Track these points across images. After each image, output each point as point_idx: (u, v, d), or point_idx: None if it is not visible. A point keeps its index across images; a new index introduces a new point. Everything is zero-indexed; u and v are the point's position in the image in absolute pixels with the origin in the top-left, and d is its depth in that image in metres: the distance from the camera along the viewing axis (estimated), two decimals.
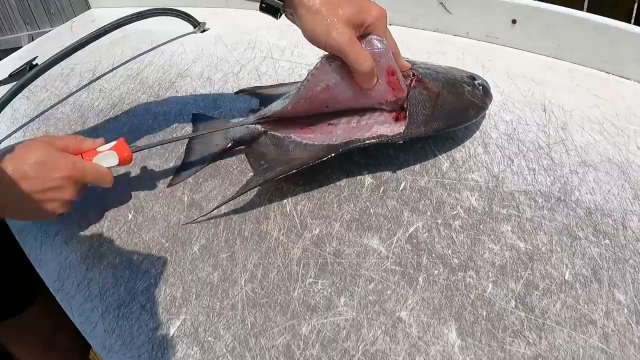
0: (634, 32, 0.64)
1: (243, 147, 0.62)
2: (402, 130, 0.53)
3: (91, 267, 0.54)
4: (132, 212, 0.58)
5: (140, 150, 0.58)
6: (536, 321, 0.42)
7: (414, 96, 0.54)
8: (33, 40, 1.21)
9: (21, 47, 1.12)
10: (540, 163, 0.55)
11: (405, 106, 0.55)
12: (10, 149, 0.53)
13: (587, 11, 1.09)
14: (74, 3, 2.07)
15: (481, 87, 0.56)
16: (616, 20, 0.65)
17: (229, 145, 0.62)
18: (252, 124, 0.60)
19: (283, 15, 0.53)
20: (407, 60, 0.61)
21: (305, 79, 0.54)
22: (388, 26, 0.52)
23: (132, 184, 0.62)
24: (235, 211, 0.55)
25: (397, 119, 0.55)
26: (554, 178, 0.53)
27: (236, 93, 0.71)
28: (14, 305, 0.79)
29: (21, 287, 0.79)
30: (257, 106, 0.68)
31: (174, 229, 0.55)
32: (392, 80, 0.54)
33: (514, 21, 0.69)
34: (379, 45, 0.52)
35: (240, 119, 0.65)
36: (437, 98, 0.55)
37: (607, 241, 0.47)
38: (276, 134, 0.59)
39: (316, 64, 0.53)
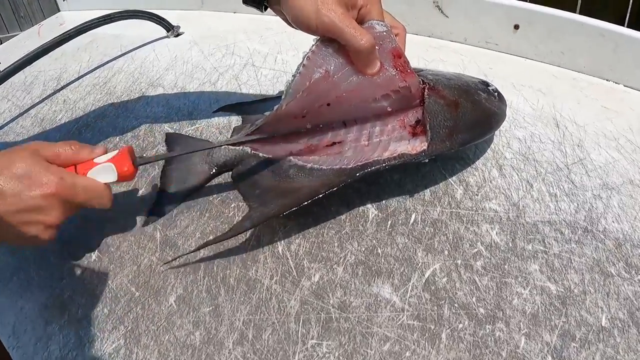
0: (637, 37, 0.54)
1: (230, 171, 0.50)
2: (424, 147, 0.42)
3: (50, 321, 0.41)
4: (96, 251, 0.46)
5: (146, 163, 0.44)
6: None
7: (431, 106, 0.43)
8: (1, 44, 1.04)
9: None
10: (561, 187, 0.45)
11: (421, 119, 0.43)
12: None
13: (579, 12, 1.01)
14: (43, 6, 1.86)
15: (496, 94, 0.46)
16: (622, 27, 0.55)
17: (212, 172, 0.49)
18: (239, 144, 0.45)
19: (265, 14, 0.42)
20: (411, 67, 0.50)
21: (300, 65, 0.41)
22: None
23: (95, 217, 0.48)
24: (217, 253, 0.43)
25: (414, 134, 0.44)
26: (578, 205, 0.43)
27: (214, 112, 0.58)
28: None
29: None
30: (240, 123, 0.56)
31: (146, 275, 0.42)
32: (400, 64, 0.42)
33: (516, 26, 0.59)
34: (378, 27, 0.41)
35: (224, 139, 0.53)
36: (457, 107, 0.44)
37: None
38: (270, 156, 0.46)
39: (311, 47, 0.41)
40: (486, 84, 0.47)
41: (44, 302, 0.43)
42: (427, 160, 0.42)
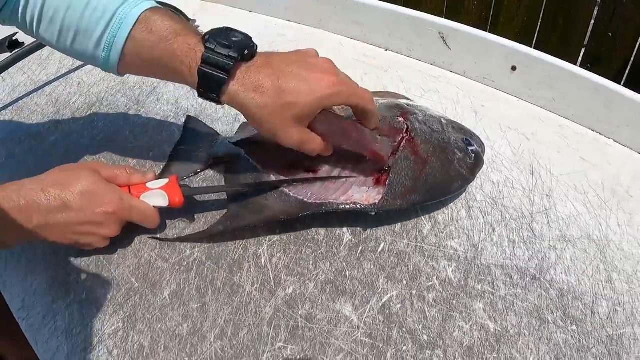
0: (629, 97, 0.62)
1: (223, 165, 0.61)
2: (377, 200, 0.51)
3: (57, 299, 0.52)
4: None
5: (191, 194, 0.55)
6: None
7: (399, 162, 0.52)
8: None
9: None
10: (521, 234, 0.54)
11: (388, 168, 0.53)
12: (55, 173, 0.50)
13: (580, 64, 1.08)
14: None
15: (473, 156, 0.55)
16: (616, 84, 0.63)
17: (210, 161, 0.61)
18: (235, 143, 0.58)
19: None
20: (408, 105, 0.59)
21: None
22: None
23: None
24: (209, 256, 0.53)
25: (377, 183, 0.53)
26: (532, 253, 0.53)
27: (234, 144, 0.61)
28: None
29: None
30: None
31: (145, 268, 0.53)
32: (372, 153, 0.52)
33: (513, 68, 0.67)
34: (362, 139, 0.51)
35: (226, 136, 0.63)
36: (423, 167, 0.53)
37: (574, 327, 0.48)
38: (258, 166, 0.57)
39: None
40: (468, 143, 0.55)
41: (51, 281, 0.54)
42: (374, 213, 0.51)
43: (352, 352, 0.46)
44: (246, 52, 0.45)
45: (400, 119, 0.54)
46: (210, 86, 0.45)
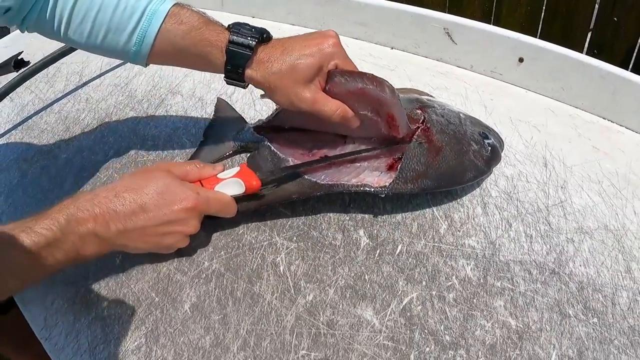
0: (638, 82, 0.61)
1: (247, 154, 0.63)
2: (388, 183, 0.51)
3: (79, 317, 0.52)
4: (120, 257, 0.56)
5: (266, 178, 0.54)
6: None
7: (412, 149, 0.52)
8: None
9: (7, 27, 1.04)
10: (538, 229, 0.53)
11: (401, 156, 0.53)
12: (126, 178, 0.49)
13: (586, 52, 1.06)
14: None
15: (489, 149, 0.54)
16: (623, 70, 0.62)
17: (235, 148, 0.63)
18: (256, 129, 0.60)
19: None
20: (428, 99, 0.59)
21: None
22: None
23: None
24: (227, 267, 0.53)
25: (390, 168, 0.54)
26: (550, 247, 0.52)
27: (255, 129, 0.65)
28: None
29: None
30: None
31: (164, 282, 0.53)
32: (392, 123, 0.52)
33: (521, 59, 0.66)
34: (382, 92, 0.49)
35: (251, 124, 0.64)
36: (437, 155, 0.52)
37: (595, 320, 0.47)
38: (278, 152, 0.58)
39: None
40: (484, 137, 0.54)
41: (72, 298, 0.53)
42: (383, 195, 0.52)
43: (375, 357, 0.45)
44: (265, 35, 0.51)
45: (418, 110, 0.55)
46: (237, 62, 0.50)
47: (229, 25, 0.52)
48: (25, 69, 0.78)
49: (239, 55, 0.50)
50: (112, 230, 0.46)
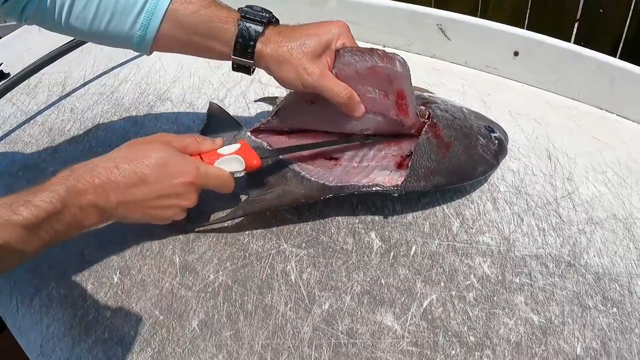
0: (635, 72, 0.60)
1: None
2: (400, 182, 0.49)
3: (78, 342, 0.47)
4: (118, 273, 0.51)
5: (269, 157, 0.52)
6: None
7: (422, 144, 0.49)
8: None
9: None
10: (550, 221, 0.51)
11: (410, 153, 0.50)
12: (125, 149, 0.47)
13: (574, 40, 1.06)
14: None
15: (496, 142, 0.52)
16: (619, 60, 0.60)
17: None
18: (253, 131, 0.56)
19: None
20: (429, 95, 0.57)
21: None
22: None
23: (113, 236, 0.54)
24: (235, 279, 0.49)
25: (399, 166, 0.51)
26: (563, 239, 0.50)
27: (256, 101, 0.66)
28: None
29: None
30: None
31: (168, 299, 0.48)
32: (401, 104, 0.49)
33: (516, 53, 0.64)
34: (392, 66, 0.46)
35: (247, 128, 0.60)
36: (447, 150, 0.50)
37: (614, 309, 0.45)
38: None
39: None
40: (490, 130, 0.52)
41: (69, 321, 0.48)
42: (396, 195, 0.49)
43: None
44: (273, 19, 0.50)
45: (422, 107, 0.52)
46: (249, 35, 0.48)
47: (238, 8, 0.51)
48: (5, 81, 0.72)
49: (251, 29, 0.48)
50: (113, 201, 0.45)
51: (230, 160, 0.49)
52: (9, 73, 0.78)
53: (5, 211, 0.40)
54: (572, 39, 1.05)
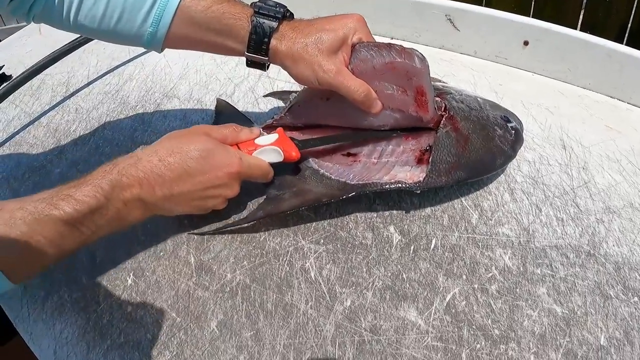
0: None
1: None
2: (421, 178, 0.47)
3: (93, 346, 0.45)
4: (132, 275, 0.49)
5: (305, 148, 0.51)
6: None
7: (441, 139, 0.48)
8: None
9: None
10: (568, 211, 0.50)
11: (429, 147, 0.49)
12: (167, 141, 0.46)
13: (580, 27, 1.05)
14: None
15: (513, 132, 0.50)
16: (628, 47, 0.59)
17: None
18: (265, 127, 0.54)
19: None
20: (443, 86, 0.56)
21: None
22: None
23: (125, 237, 0.52)
24: (253, 278, 0.47)
25: (419, 161, 0.49)
26: (582, 229, 0.49)
27: (265, 96, 0.66)
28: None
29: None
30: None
31: (185, 300, 0.47)
32: (421, 100, 0.48)
33: (526, 43, 0.63)
34: (411, 62, 0.45)
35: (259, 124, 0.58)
36: (466, 143, 0.49)
37: (636, 299, 0.44)
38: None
39: None
40: (507, 120, 0.51)
41: (83, 326, 0.47)
42: (419, 191, 0.48)
43: (425, 359, 0.41)
44: (288, 13, 0.49)
45: (438, 98, 0.50)
46: (263, 31, 0.47)
47: (251, 3, 0.49)
48: (7, 83, 0.69)
49: (265, 25, 0.47)
50: (158, 195, 0.44)
51: (269, 151, 0.49)
52: (10, 75, 0.76)
53: (44, 206, 0.39)
54: (578, 28, 1.04)
